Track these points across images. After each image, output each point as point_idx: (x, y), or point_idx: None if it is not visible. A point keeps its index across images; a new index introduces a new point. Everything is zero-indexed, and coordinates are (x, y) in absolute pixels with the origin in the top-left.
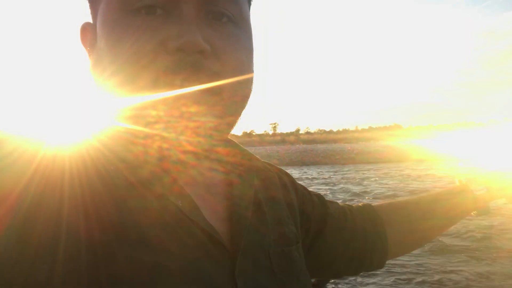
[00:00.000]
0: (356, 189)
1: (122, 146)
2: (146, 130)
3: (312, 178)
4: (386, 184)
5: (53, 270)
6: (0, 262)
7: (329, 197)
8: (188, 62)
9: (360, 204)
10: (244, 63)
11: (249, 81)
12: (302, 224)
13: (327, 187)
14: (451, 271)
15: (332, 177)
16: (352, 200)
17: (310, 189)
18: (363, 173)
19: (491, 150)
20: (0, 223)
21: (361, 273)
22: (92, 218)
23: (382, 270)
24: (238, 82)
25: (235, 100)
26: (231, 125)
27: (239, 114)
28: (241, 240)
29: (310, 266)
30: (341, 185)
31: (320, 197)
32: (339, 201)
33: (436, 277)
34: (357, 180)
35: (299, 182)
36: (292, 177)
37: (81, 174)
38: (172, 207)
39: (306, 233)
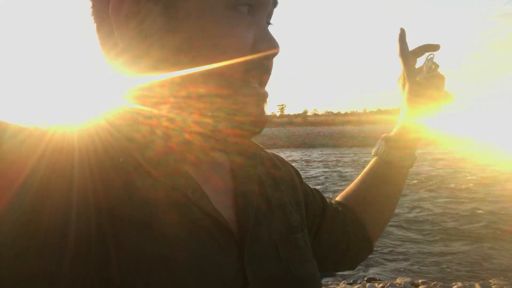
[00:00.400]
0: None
1: (130, 126)
2: (154, 110)
3: (312, 161)
4: None
5: (63, 251)
6: (9, 242)
7: (330, 180)
8: (268, 68)
9: (333, 202)
10: None
11: None
12: (307, 215)
13: (328, 169)
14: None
15: (337, 160)
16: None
17: (312, 171)
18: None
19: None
20: (9, 203)
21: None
22: (101, 198)
23: (390, 258)
24: None
25: None
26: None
27: None
28: (248, 227)
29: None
30: (347, 169)
31: (318, 191)
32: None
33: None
34: (362, 162)
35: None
36: (296, 170)
37: (90, 154)
38: (179, 193)
39: (312, 224)
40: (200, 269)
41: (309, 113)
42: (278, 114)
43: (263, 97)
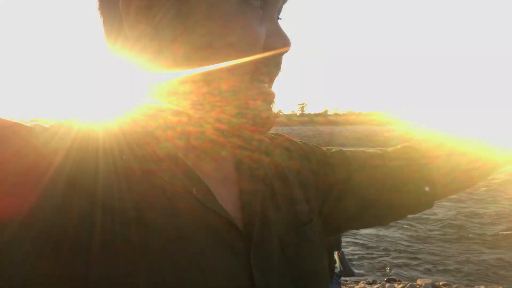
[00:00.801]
0: None
1: (151, 122)
2: (175, 107)
3: None
4: None
5: (90, 251)
6: (40, 238)
7: None
8: (279, 63)
9: (399, 147)
10: None
11: None
12: (318, 193)
13: None
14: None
15: None
16: None
17: None
18: None
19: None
20: (40, 197)
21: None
22: (126, 196)
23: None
24: None
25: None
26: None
27: None
28: (254, 225)
29: (339, 220)
30: None
31: (340, 153)
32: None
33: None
34: None
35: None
36: (307, 146)
37: (114, 151)
38: (184, 191)
39: (326, 196)
40: (207, 267)
41: (329, 113)
42: (298, 113)
43: (271, 96)
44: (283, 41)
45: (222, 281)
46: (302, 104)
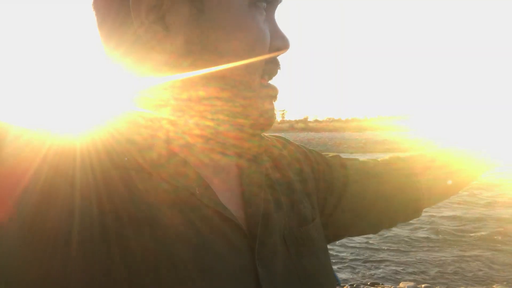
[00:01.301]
0: None
1: (132, 129)
2: (155, 113)
3: None
4: None
5: (68, 255)
6: (15, 249)
7: None
8: (279, 63)
9: (386, 158)
10: None
11: None
12: (318, 195)
13: None
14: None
15: None
16: None
17: None
18: None
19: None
20: (13, 209)
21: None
22: (104, 200)
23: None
24: None
25: None
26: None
27: None
28: (258, 225)
29: (336, 228)
30: None
31: (337, 158)
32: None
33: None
34: None
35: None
36: (304, 148)
37: (92, 156)
38: (185, 192)
39: (325, 201)
40: (211, 268)
41: (310, 119)
42: (279, 119)
43: (276, 92)
44: (285, 42)
45: (226, 281)
46: (283, 110)
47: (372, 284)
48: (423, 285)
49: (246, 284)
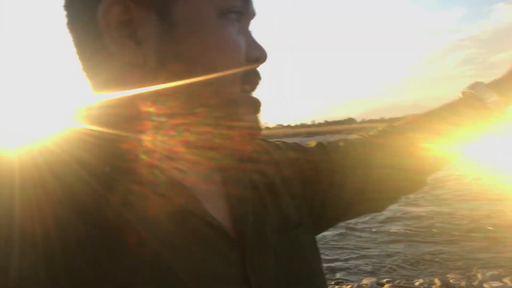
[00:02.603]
0: None
1: (78, 147)
2: (110, 130)
3: None
4: None
5: (7, 279)
6: None
7: None
8: (259, 73)
9: (380, 128)
10: None
11: None
12: (305, 192)
13: None
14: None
15: None
16: None
17: None
18: None
19: None
20: None
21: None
22: (50, 222)
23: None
24: None
25: None
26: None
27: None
28: (246, 234)
29: (335, 213)
30: None
31: (319, 146)
32: None
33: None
34: None
35: None
36: (285, 144)
37: (36, 182)
38: (171, 202)
39: (314, 196)
40: (203, 279)
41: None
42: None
43: (258, 104)
44: (262, 52)
45: None
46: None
47: (337, 283)
48: (385, 280)
49: None
